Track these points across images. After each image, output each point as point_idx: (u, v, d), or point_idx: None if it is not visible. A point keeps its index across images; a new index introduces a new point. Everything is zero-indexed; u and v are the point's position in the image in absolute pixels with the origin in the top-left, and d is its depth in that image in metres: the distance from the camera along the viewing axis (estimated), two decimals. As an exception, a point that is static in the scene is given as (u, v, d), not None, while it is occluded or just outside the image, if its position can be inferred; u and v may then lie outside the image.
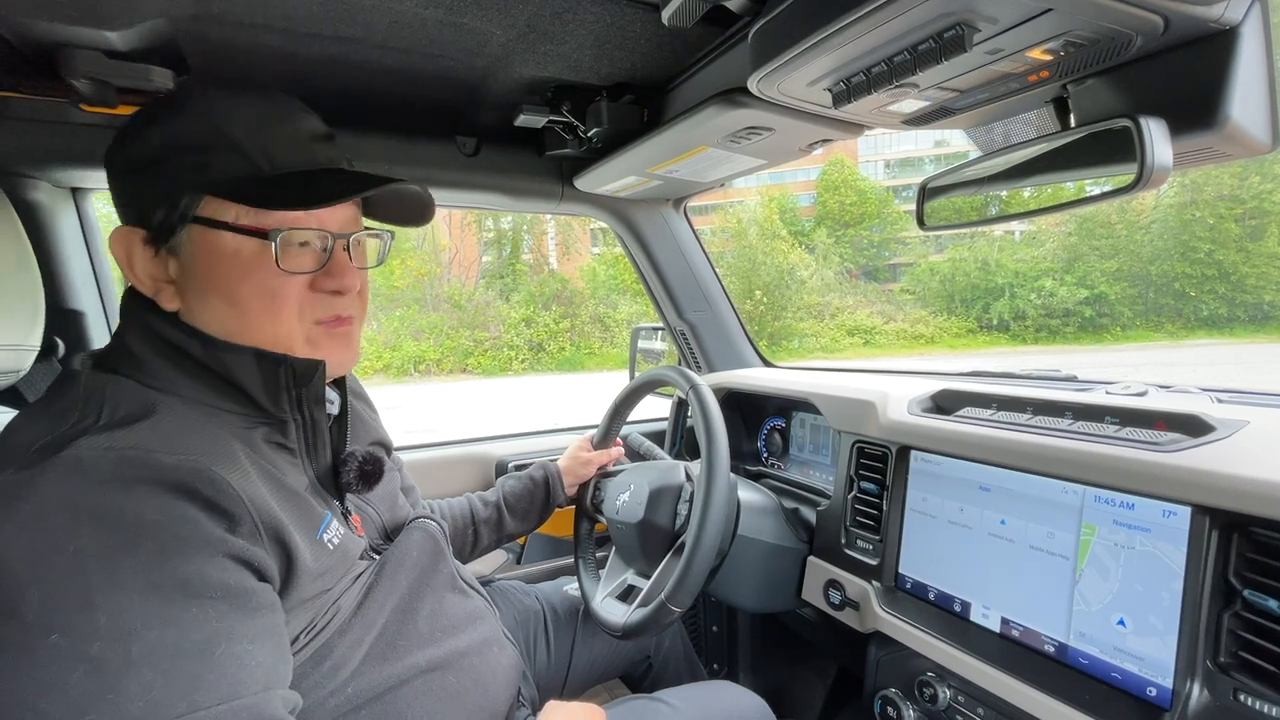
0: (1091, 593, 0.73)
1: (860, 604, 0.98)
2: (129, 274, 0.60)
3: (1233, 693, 0.61)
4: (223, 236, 0.59)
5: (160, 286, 0.61)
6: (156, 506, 0.48)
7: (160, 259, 0.60)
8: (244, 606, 0.50)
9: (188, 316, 0.61)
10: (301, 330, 0.63)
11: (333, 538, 0.64)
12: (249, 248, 0.59)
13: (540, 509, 1.15)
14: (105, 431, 0.51)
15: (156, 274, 0.60)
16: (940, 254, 26.42)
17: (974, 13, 0.55)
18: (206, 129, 0.58)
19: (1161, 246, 23.48)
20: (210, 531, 0.50)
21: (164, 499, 0.48)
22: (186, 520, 0.49)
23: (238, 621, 0.49)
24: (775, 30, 0.66)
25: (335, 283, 0.64)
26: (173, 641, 0.45)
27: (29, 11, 0.70)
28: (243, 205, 0.58)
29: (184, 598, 0.47)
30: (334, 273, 0.64)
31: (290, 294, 0.61)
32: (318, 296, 0.64)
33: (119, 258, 0.60)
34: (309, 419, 0.66)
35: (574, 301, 23.67)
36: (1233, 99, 0.57)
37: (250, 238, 0.59)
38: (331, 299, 0.65)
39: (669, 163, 1.12)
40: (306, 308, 0.63)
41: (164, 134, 0.59)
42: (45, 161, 0.97)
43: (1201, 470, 0.65)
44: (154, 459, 0.50)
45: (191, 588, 0.47)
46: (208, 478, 0.51)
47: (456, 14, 0.78)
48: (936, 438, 0.92)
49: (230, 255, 0.59)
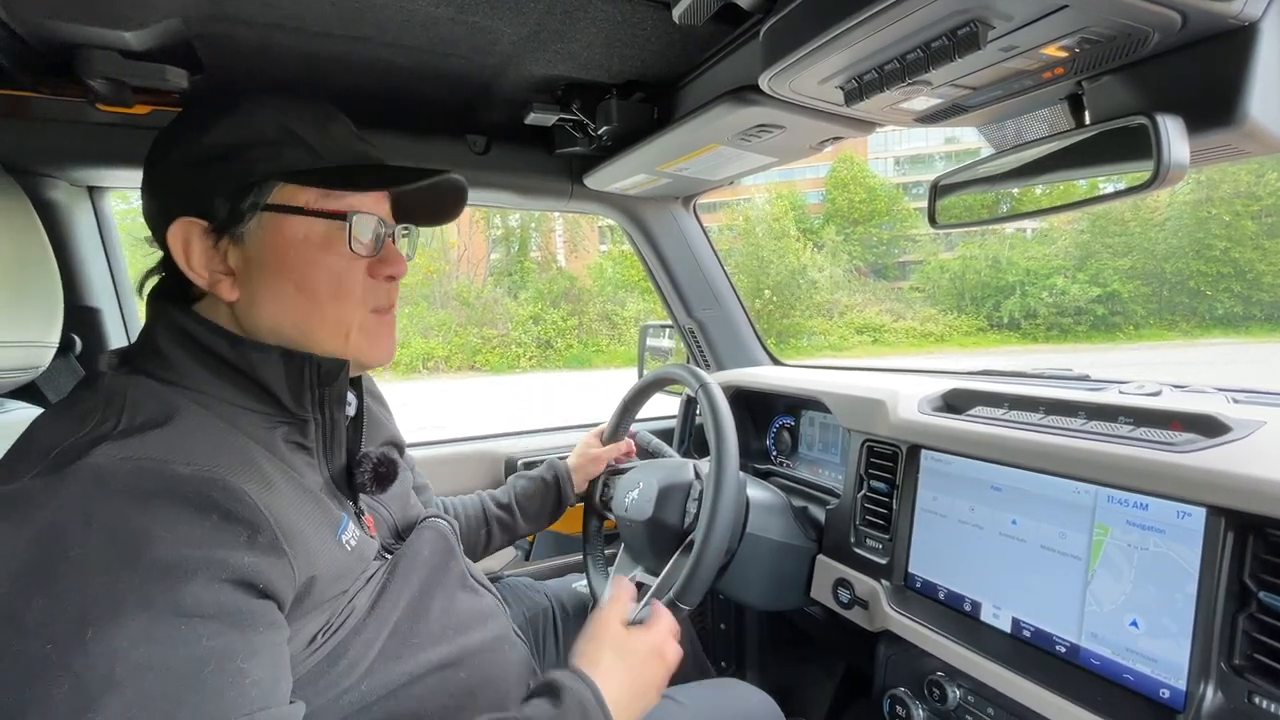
0: (1104, 593, 0.72)
1: (869, 603, 0.98)
2: (185, 265, 0.60)
3: (1247, 695, 0.61)
4: (293, 222, 0.62)
5: (218, 278, 0.61)
6: (167, 522, 0.47)
7: (220, 250, 0.61)
8: (240, 625, 0.49)
9: (246, 308, 0.62)
10: (359, 317, 0.66)
11: (350, 539, 0.64)
12: (318, 232, 0.62)
13: (551, 509, 1.16)
14: (124, 438, 0.50)
15: (215, 265, 0.61)
16: (950, 251, 26.25)
17: (989, 9, 0.54)
18: (276, 125, 0.62)
19: (1176, 244, 23.21)
20: (217, 548, 0.49)
21: (177, 512, 0.48)
22: (194, 538, 0.48)
23: (232, 641, 0.48)
24: (787, 28, 0.65)
25: (390, 268, 0.68)
26: (160, 661, 0.44)
27: (46, 13, 0.71)
28: (316, 190, 0.62)
29: (176, 616, 0.45)
30: (389, 259, 0.68)
31: (356, 278, 0.65)
32: (374, 283, 0.67)
33: (175, 249, 0.60)
34: (329, 418, 0.66)
35: (582, 299, 23.70)
36: (1252, 96, 0.56)
37: (320, 221, 0.62)
38: (385, 285, 0.69)
39: (679, 161, 1.11)
40: (366, 293, 0.67)
41: (235, 129, 0.61)
42: (63, 161, 0.99)
43: (1217, 471, 0.64)
44: (169, 470, 0.49)
45: (187, 607, 0.46)
46: (224, 487, 0.51)
47: (467, 12, 0.78)
48: (947, 437, 0.92)
49: (300, 240, 0.62)
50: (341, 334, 0.65)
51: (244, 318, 0.63)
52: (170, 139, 0.63)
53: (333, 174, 0.63)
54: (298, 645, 0.58)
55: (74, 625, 0.42)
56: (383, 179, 0.66)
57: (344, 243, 0.63)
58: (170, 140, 0.63)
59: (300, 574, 0.55)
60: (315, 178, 0.62)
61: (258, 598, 0.51)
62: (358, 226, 0.64)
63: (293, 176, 0.61)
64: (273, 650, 0.51)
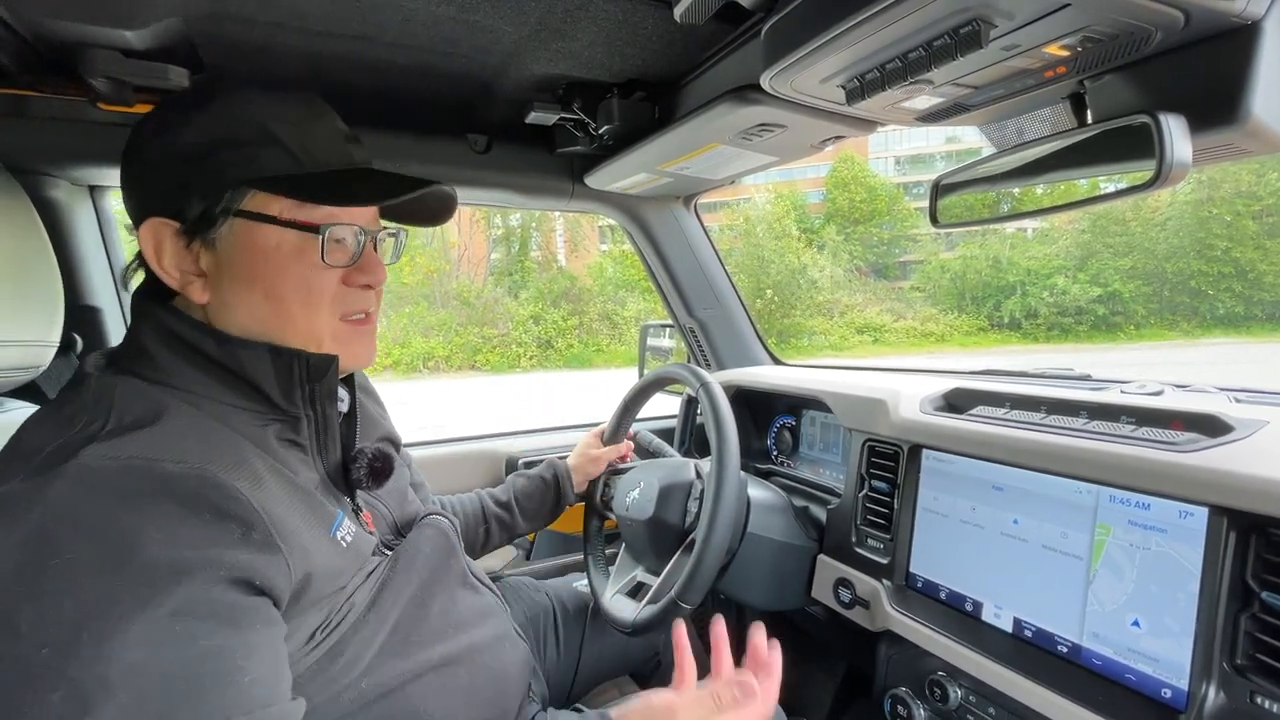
0: (1106, 593, 0.72)
1: (870, 603, 0.98)
2: (156, 266, 0.59)
3: (1249, 695, 0.61)
4: (265, 230, 0.59)
5: (189, 279, 0.60)
6: (158, 521, 0.47)
7: (192, 252, 0.60)
8: (238, 623, 0.48)
9: (217, 309, 0.61)
10: (330, 326, 0.65)
11: (346, 535, 0.64)
12: (290, 241, 0.60)
13: (550, 508, 1.16)
14: (112, 438, 0.50)
15: (186, 267, 0.60)
16: (951, 251, 26.24)
17: (991, 8, 0.54)
18: (252, 125, 0.59)
19: (1177, 244, 23.19)
20: (210, 547, 0.48)
21: (169, 511, 0.48)
22: (185, 538, 0.47)
23: (230, 639, 0.47)
24: (788, 27, 0.65)
25: (367, 277, 0.66)
26: (155, 664, 0.44)
27: (47, 12, 0.71)
28: (289, 199, 0.59)
29: (171, 617, 0.45)
30: (365, 267, 0.66)
31: (326, 288, 0.63)
32: (348, 291, 0.66)
33: (146, 249, 0.59)
34: (321, 415, 0.66)
35: (582, 299, 23.69)
36: (1255, 95, 0.56)
37: (292, 231, 0.60)
38: (361, 293, 0.67)
39: (680, 160, 1.11)
40: (337, 302, 0.65)
41: (208, 128, 0.59)
42: (64, 160, 0.98)
43: (1220, 471, 0.64)
44: (159, 468, 0.49)
45: (181, 607, 0.45)
46: (214, 484, 0.50)
47: (468, 11, 0.78)
48: (949, 436, 0.92)
49: (272, 249, 0.60)
50: (314, 342, 0.63)
51: (216, 320, 0.61)
52: (144, 134, 0.61)
53: (309, 183, 0.60)
54: (296, 643, 0.57)
55: (68, 629, 0.42)
56: (365, 192, 0.63)
57: (317, 253, 0.61)
58: (143, 136, 0.61)
59: (296, 570, 0.55)
60: (290, 186, 0.59)
61: (253, 595, 0.51)
62: (332, 239, 0.61)
63: (266, 184, 0.59)
64: (271, 647, 0.51)
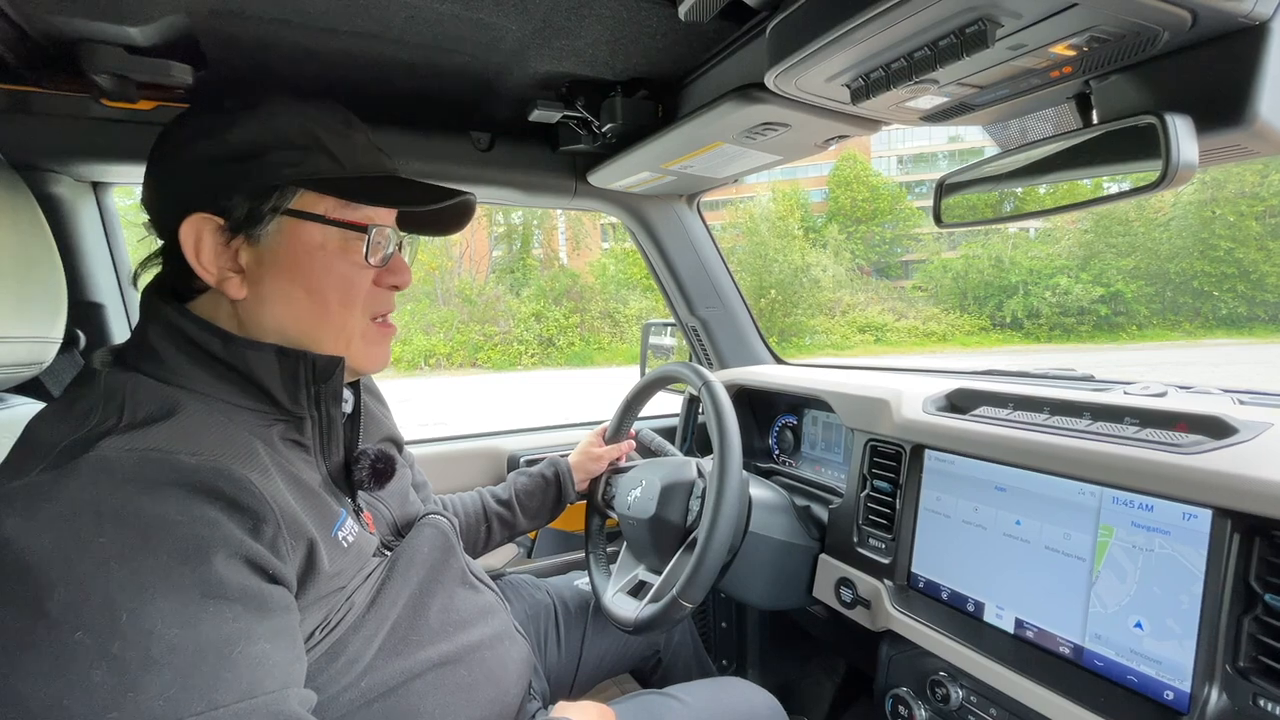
0: (1108, 595, 0.72)
1: (872, 602, 0.98)
2: (194, 261, 0.60)
3: (1252, 697, 0.60)
4: (311, 228, 0.62)
5: (227, 275, 0.61)
6: (178, 508, 0.48)
7: (231, 248, 0.61)
8: (260, 608, 0.50)
9: (251, 305, 0.62)
10: (361, 325, 0.68)
11: (347, 535, 0.65)
12: (335, 240, 0.64)
13: (551, 506, 1.16)
14: (128, 432, 0.51)
15: (225, 263, 0.61)
16: (953, 251, 26.20)
17: (997, 7, 0.54)
18: (301, 130, 0.62)
19: (1180, 244, 23.14)
20: (230, 532, 0.50)
21: (186, 500, 0.49)
22: (207, 521, 0.49)
23: (254, 622, 0.49)
24: (793, 26, 0.65)
25: (396, 278, 0.70)
26: (191, 641, 0.45)
27: (51, 8, 0.71)
28: (336, 200, 0.63)
29: (202, 598, 0.47)
30: (396, 269, 0.70)
31: (362, 286, 0.67)
32: (378, 292, 0.69)
33: (186, 245, 0.60)
34: (325, 415, 0.66)
35: (584, 296, 23.70)
36: (1262, 96, 0.56)
37: (337, 230, 0.63)
38: (388, 295, 0.70)
39: (683, 158, 1.11)
40: (369, 302, 0.68)
41: (258, 130, 0.61)
42: (67, 156, 0.98)
43: (1224, 473, 0.64)
44: (176, 460, 0.50)
45: (210, 588, 0.47)
46: (229, 477, 0.52)
47: (472, 9, 0.78)
48: (952, 437, 0.92)
49: (316, 247, 0.63)
50: (344, 341, 0.66)
51: (247, 316, 0.63)
52: (185, 133, 0.62)
53: (355, 185, 0.64)
54: None
55: (102, 612, 0.44)
56: (406, 197, 0.66)
57: (359, 252, 0.64)
58: (184, 134, 0.62)
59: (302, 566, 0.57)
60: (338, 188, 0.63)
61: (270, 582, 0.53)
62: (376, 239, 0.65)
63: (317, 184, 0.62)
64: (290, 633, 0.53)
